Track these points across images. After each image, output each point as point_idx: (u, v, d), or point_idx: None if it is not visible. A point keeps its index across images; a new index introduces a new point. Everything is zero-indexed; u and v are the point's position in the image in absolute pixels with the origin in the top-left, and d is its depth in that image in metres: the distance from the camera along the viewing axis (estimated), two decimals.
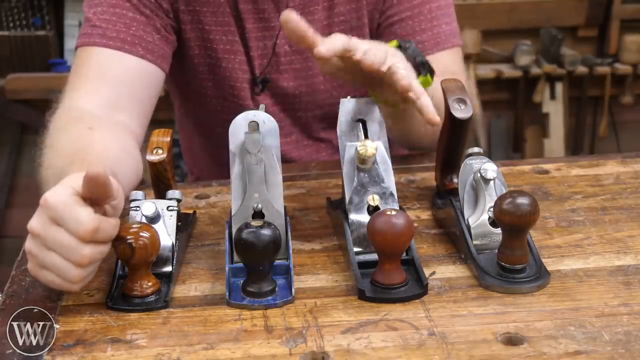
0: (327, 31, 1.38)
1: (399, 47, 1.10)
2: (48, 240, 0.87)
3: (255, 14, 1.37)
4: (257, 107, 1.05)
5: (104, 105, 1.24)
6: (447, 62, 1.37)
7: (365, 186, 1.01)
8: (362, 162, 1.01)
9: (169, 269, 0.97)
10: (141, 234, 0.89)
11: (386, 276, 0.93)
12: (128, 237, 0.89)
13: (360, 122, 1.05)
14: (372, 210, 1.00)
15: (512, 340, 0.84)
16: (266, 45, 1.40)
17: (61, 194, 0.87)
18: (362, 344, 0.84)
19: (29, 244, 0.88)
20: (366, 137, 1.04)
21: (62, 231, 0.86)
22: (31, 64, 3.09)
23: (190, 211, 1.14)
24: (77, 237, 0.86)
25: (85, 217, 0.86)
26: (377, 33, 1.42)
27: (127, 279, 0.93)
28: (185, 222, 1.08)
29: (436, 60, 1.32)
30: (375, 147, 1.00)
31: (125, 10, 1.30)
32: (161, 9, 1.34)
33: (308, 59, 1.41)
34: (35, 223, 0.87)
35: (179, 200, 1.02)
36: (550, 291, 0.93)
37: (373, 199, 1.00)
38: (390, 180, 1.02)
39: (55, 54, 3.13)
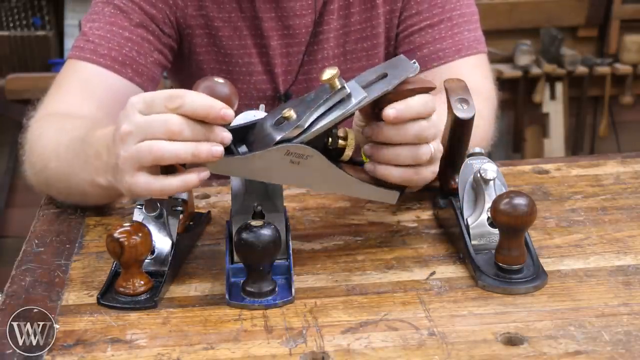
0: (342, 40, 1.38)
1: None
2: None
3: (279, 31, 1.35)
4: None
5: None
6: (469, 70, 1.33)
7: None
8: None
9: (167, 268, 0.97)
10: (133, 232, 0.90)
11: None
12: (119, 235, 0.89)
13: None
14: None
15: (512, 340, 0.84)
16: (291, 61, 1.37)
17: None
18: (362, 344, 0.84)
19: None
20: None
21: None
22: (31, 64, 3.09)
23: (205, 211, 1.13)
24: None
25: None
26: (396, 42, 1.40)
27: (120, 277, 0.94)
28: (198, 222, 1.08)
29: (457, 67, 1.27)
30: None
31: (121, 30, 1.27)
32: (168, 23, 1.31)
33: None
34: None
35: (184, 201, 1.02)
36: (550, 291, 0.93)
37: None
38: None
39: (55, 54, 3.13)
